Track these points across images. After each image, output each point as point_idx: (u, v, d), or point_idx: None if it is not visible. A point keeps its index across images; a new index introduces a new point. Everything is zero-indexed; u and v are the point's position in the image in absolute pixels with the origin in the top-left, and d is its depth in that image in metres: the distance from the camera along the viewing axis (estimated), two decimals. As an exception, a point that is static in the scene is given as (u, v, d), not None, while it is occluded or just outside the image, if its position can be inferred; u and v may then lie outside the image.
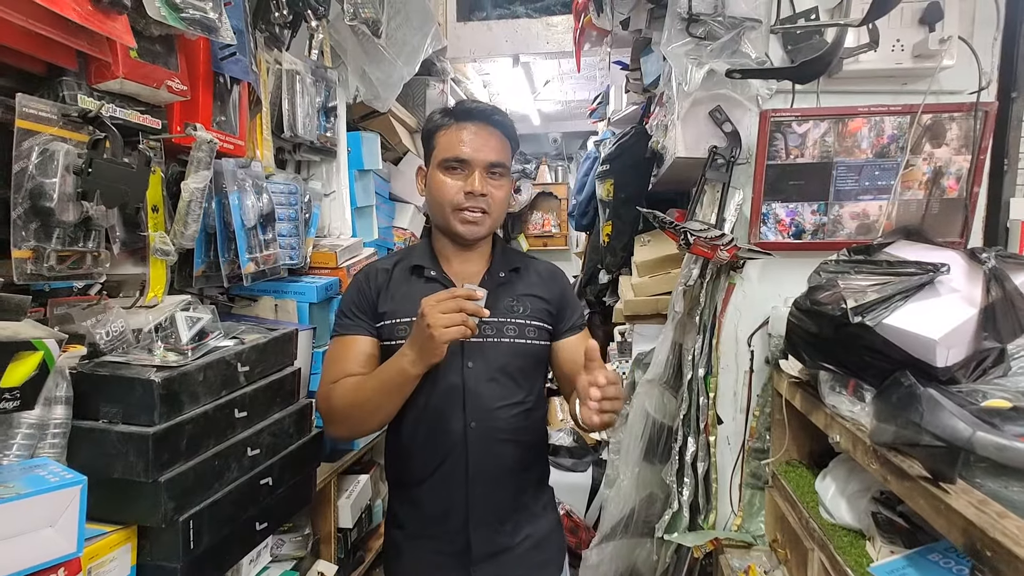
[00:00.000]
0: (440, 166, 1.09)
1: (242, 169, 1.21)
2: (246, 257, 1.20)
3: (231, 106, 1.23)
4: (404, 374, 0.98)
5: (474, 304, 0.93)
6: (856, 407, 1.08)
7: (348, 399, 1.03)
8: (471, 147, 1.07)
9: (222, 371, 1.03)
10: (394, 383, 1.00)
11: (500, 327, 1.10)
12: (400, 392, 1.02)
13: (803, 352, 1.20)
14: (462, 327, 0.92)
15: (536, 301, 1.15)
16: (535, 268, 1.20)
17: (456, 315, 0.92)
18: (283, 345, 1.23)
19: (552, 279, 1.20)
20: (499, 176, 1.11)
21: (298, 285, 1.46)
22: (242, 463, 1.07)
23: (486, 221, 1.10)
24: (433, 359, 0.96)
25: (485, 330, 1.08)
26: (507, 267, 1.16)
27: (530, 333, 1.12)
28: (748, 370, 1.64)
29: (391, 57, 1.80)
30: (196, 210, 1.05)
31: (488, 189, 1.08)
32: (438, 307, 0.92)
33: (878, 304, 1.00)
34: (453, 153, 1.08)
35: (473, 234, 1.10)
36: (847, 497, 1.22)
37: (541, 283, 1.18)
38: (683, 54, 1.48)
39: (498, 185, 1.10)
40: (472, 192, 1.07)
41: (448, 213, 1.09)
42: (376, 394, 1.01)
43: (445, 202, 1.09)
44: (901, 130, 1.44)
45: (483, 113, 1.11)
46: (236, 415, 1.06)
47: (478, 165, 1.07)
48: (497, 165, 1.09)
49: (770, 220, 1.53)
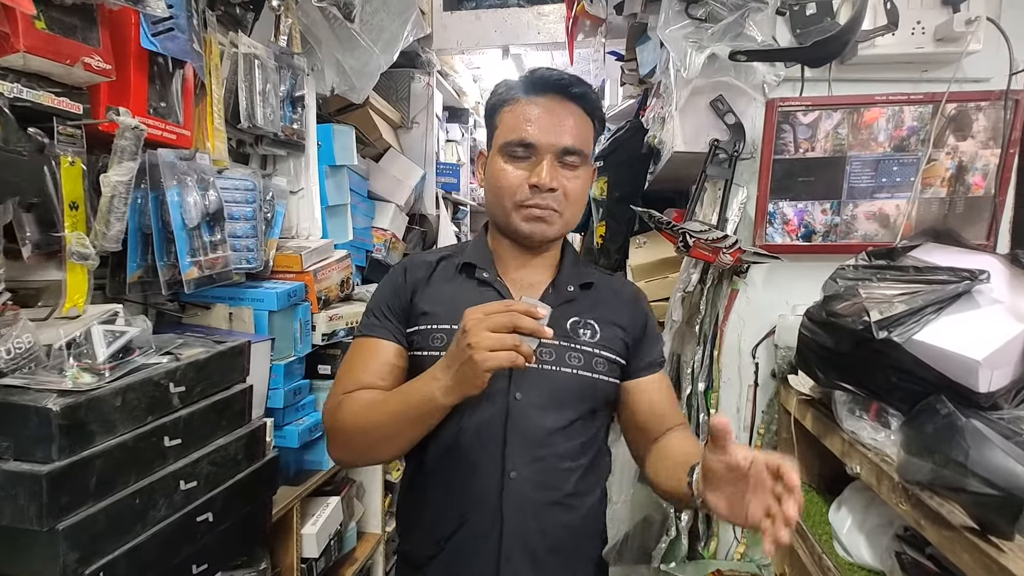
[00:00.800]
0: (502, 151, 0.89)
1: (184, 161, 1.08)
2: (187, 260, 1.07)
3: (174, 92, 1.09)
4: (432, 402, 0.76)
5: (533, 323, 0.70)
6: (880, 435, 0.94)
7: (358, 419, 0.82)
8: (540, 128, 0.86)
9: (148, 393, 0.89)
10: (417, 412, 0.78)
11: (562, 353, 0.87)
12: (422, 424, 0.80)
13: (817, 369, 1.06)
14: (512, 353, 0.69)
15: (610, 328, 0.91)
16: (612, 287, 0.98)
17: (507, 336, 0.70)
18: (231, 360, 1.09)
19: (634, 303, 0.97)
20: (575, 165, 0.88)
21: (256, 291, 1.32)
22: (173, 499, 0.93)
23: (556, 220, 0.89)
24: (470, 390, 0.73)
25: (542, 354, 0.86)
26: (577, 281, 0.94)
27: (599, 366, 0.89)
28: (752, 384, 1.51)
29: (366, 44, 1.67)
30: (120, 207, 0.91)
31: (560, 181, 0.87)
32: (486, 322, 0.70)
33: (907, 317, 0.86)
34: (517, 135, 0.87)
35: (541, 234, 0.89)
36: (866, 533, 1.09)
37: (619, 306, 0.95)
38: (682, 37, 1.34)
39: (573, 176, 0.88)
40: (539, 185, 0.85)
41: (509, 209, 0.89)
42: (393, 420, 0.80)
43: (505, 196, 0.88)
44: (922, 121, 1.30)
45: (559, 84, 0.88)
46: (166, 444, 0.92)
47: (548, 151, 0.86)
48: (572, 152, 0.87)
49: (777, 220, 1.39)
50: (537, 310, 0.71)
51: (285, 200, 1.49)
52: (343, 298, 1.63)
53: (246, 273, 1.34)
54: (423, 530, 0.88)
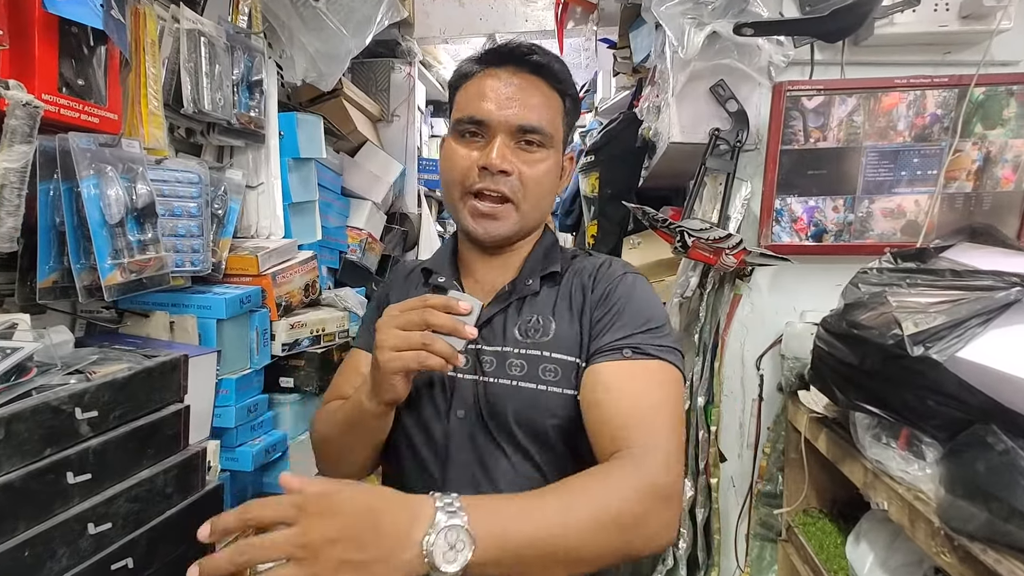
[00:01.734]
0: (454, 131, 0.79)
1: (106, 148, 0.93)
2: (108, 263, 0.92)
3: (95, 67, 0.95)
4: (359, 407, 0.71)
5: (449, 320, 0.62)
6: (912, 466, 0.81)
7: (324, 428, 0.81)
8: (494, 102, 0.74)
9: (44, 421, 0.75)
10: (353, 417, 0.73)
11: (503, 361, 0.73)
12: (361, 430, 0.73)
13: (835, 387, 0.92)
14: (421, 353, 0.62)
15: (571, 322, 0.75)
16: (581, 268, 0.80)
17: (415, 335, 0.62)
18: (162, 377, 0.94)
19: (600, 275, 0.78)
20: (536, 146, 0.76)
21: (203, 297, 1.18)
22: (78, 546, 0.78)
23: (509, 215, 0.76)
24: (386, 395, 0.66)
25: (484, 364, 0.74)
26: (541, 272, 0.79)
27: (547, 373, 0.72)
28: (757, 398, 1.37)
29: (335, 26, 1.52)
30: (13, 199, 0.77)
31: (516, 164, 0.75)
32: (397, 319, 0.64)
33: (947, 331, 0.73)
34: (468, 112, 0.76)
35: (488, 233, 0.77)
36: (891, 572, 0.95)
37: (586, 288, 0.77)
38: (679, 14, 1.21)
39: (533, 160, 0.76)
40: (488, 166, 0.74)
41: (457, 200, 0.78)
42: (341, 428, 0.76)
43: (452, 183, 0.78)
44: (947, 108, 1.17)
45: (516, 53, 0.77)
46: (70, 480, 0.77)
47: (501, 128, 0.74)
48: (532, 131, 0.75)
49: (784, 218, 1.26)
50: (459, 305, 0.63)
51: (241, 195, 1.34)
52: (308, 304, 1.48)
53: (192, 277, 1.20)
54: None
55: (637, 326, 0.71)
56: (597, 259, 0.83)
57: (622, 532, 0.56)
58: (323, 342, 1.47)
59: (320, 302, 1.56)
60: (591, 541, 0.54)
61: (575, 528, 0.54)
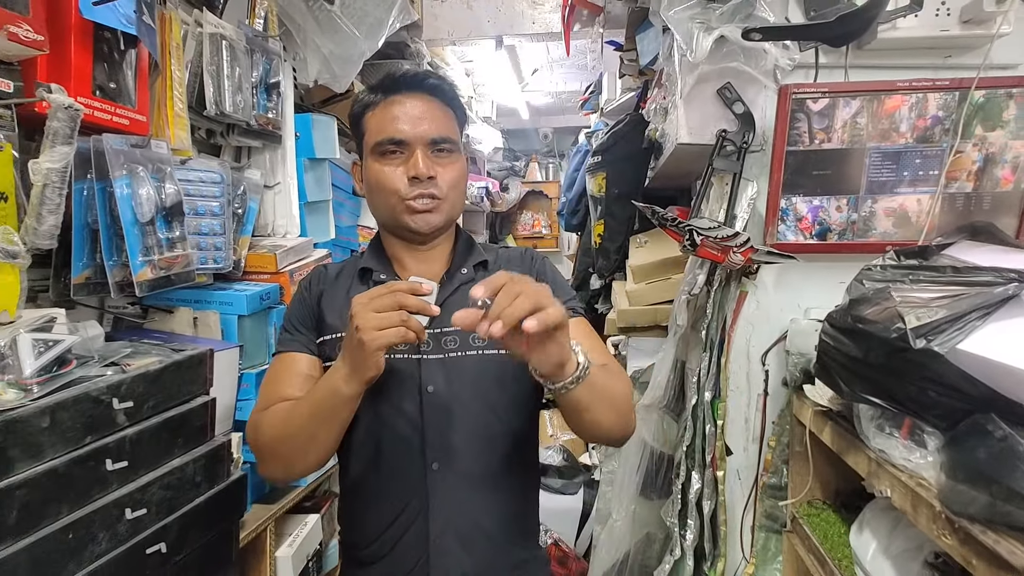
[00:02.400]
0: (374, 153, 0.90)
1: (136, 149, 0.96)
2: (139, 260, 0.95)
3: (126, 71, 0.98)
4: (337, 394, 0.77)
5: (417, 300, 0.73)
6: (915, 455, 0.84)
7: (277, 430, 0.83)
8: (406, 123, 0.89)
9: (86, 411, 0.78)
10: (326, 406, 0.79)
11: (465, 337, 0.88)
12: (335, 418, 0.81)
13: (841, 380, 0.96)
14: (401, 329, 0.72)
15: None
16: (506, 257, 1.00)
17: (392, 314, 0.72)
18: (189, 370, 0.98)
19: (525, 261, 0.99)
20: (447, 152, 0.91)
21: (224, 294, 1.21)
22: (116, 531, 0.81)
23: (442, 208, 0.91)
24: (368, 372, 0.75)
25: (447, 343, 0.88)
26: (472, 262, 0.95)
27: None
28: (762, 393, 1.40)
29: (348, 29, 1.56)
30: (54, 198, 0.80)
31: (436, 170, 0.89)
32: (371, 304, 0.73)
33: (948, 324, 0.76)
34: (386, 134, 0.89)
35: (429, 225, 0.91)
36: (893, 558, 0.98)
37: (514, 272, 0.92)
38: (688, 18, 1.24)
39: (447, 163, 0.91)
40: (418, 175, 0.87)
41: (394, 206, 0.90)
42: (308, 421, 0.81)
43: (388, 193, 0.90)
44: (948, 110, 1.21)
45: (415, 81, 0.92)
46: (108, 467, 0.81)
47: (418, 143, 0.89)
48: (442, 141, 0.90)
49: (790, 217, 1.29)
50: (421, 287, 0.74)
51: (259, 195, 1.38)
52: (323, 301, 1.51)
53: (214, 274, 1.23)
54: (361, 527, 0.90)
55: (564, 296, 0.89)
56: (517, 249, 1.04)
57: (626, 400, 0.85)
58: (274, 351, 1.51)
59: (334, 299, 1.59)
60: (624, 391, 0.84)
61: (621, 381, 0.85)
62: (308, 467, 0.85)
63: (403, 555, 0.86)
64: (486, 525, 0.87)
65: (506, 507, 0.90)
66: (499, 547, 0.88)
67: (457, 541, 0.85)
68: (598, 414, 0.79)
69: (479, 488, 0.87)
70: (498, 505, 0.89)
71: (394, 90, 0.91)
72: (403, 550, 0.86)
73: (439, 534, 0.85)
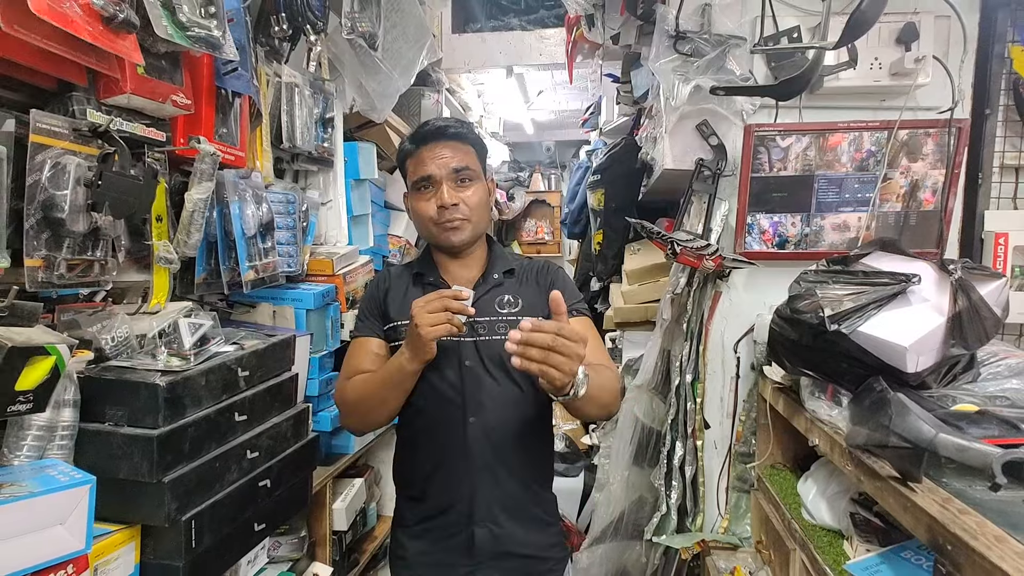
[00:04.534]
0: (413, 189, 1.18)
1: (243, 180, 1.25)
2: (246, 265, 1.24)
3: (232, 118, 1.27)
4: (402, 370, 1.05)
5: (459, 303, 0.99)
6: (834, 411, 1.13)
7: (357, 393, 1.11)
8: (433, 164, 1.13)
9: (223, 376, 1.07)
10: (394, 379, 1.07)
11: (492, 326, 1.15)
12: (401, 387, 1.09)
13: (784, 358, 1.24)
14: (447, 325, 0.98)
15: (530, 297, 1.18)
16: (529, 267, 1.26)
17: (441, 314, 0.98)
18: (281, 351, 1.26)
19: (544, 271, 1.25)
20: (468, 181, 1.16)
21: (295, 292, 1.50)
22: (242, 465, 1.10)
23: (466, 226, 1.16)
24: (425, 355, 1.03)
25: (479, 329, 1.14)
26: (501, 269, 1.21)
27: None
28: (734, 376, 1.69)
29: (387, 69, 1.85)
30: (199, 220, 1.09)
31: (458, 196, 1.14)
32: (425, 307, 0.99)
33: (853, 312, 1.05)
34: (419, 174, 1.14)
35: (459, 239, 1.16)
36: (827, 499, 1.27)
37: (534, 278, 1.23)
38: (670, 70, 1.54)
39: (468, 189, 1.16)
40: (444, 204, 1.12)
41: (431, 228, 1.17)
42: (380, 389, 1.09)
43: (425, 220, 1.16)
44: (879, 145, 1.50)
45: (437, 132, 1.16)
46: (236, 418, 1.09)
47: (443, 178, 1.13)
48: (461, 170, 1.14)
49: (755, 230, 1.58)
50: (461, 293, 1.01)
51: (317, 211, 1.66)
52: (367, 299, 1.80)
53: (286, 276, 1.52)
54: (415, 468, 1.17)
55: (572, 299, 1.18)
56: (538, 261, 1.29)
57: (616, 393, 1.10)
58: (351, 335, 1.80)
59: (374, 298, 1.88)
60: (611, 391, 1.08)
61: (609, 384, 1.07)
62: (379, 421, 1.15)
63: (450, 484, 1.13)
64: (512, 464, 1.14)
65: (526, 453, 1.16)
66: (521, 481, 1.15)
67: (490, 476, 1.12)
68: (586, 411, 1.05)
69: (505, 436, 1.13)
70: (520, 450, 1.15)
71: (424, 141, 1.16)
72: (448, 484, 1.13)
73: (476, 469, 1.12)
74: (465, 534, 1.12)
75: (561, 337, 0.87)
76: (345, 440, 1.72)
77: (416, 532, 1.16)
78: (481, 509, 1.12)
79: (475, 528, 1.12)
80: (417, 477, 1.17)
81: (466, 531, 1.12)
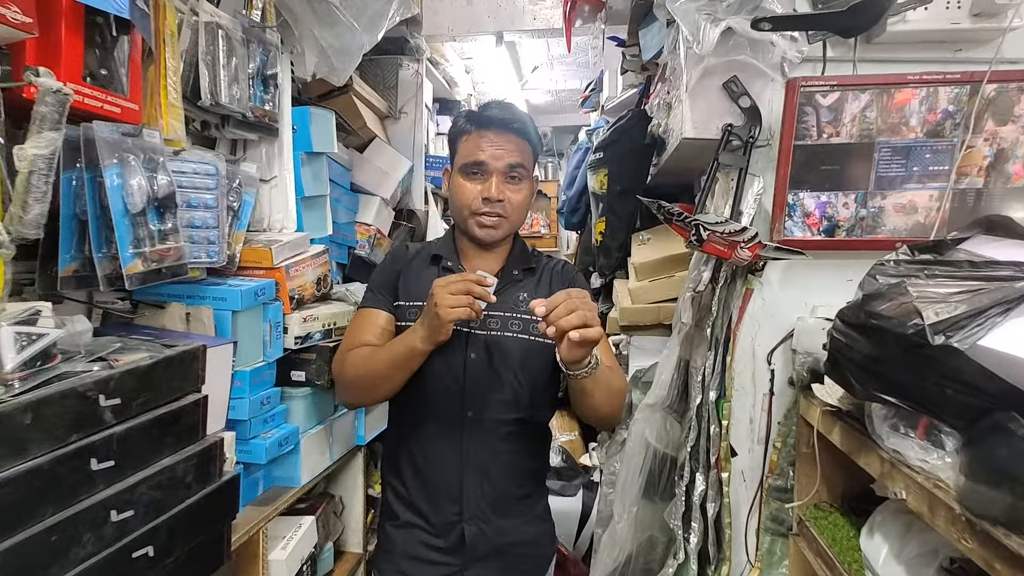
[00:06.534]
0: (461, 170, 1.14)
1: (128, 138, 0.93)
2: (129, 252, 0.92)
3: (118, 59, 0.95)
4: (413, 349, 1.02)
5: (482, 289, 0.96)
6: (932, 455, 0.81)
7: (360, 367, 1.08)
8: (489, 153, 1.10)
9: (71, 407, 0.75)
10: (402, 357, 1.04)
11: (505, 322, 1.12)
12: (407, 366, 1.05)
13: (853, 378, 0.93)
14: (467, 308, 0.95)
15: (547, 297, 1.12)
16: (550, 267, 1.24)
17: (463, 297, 0.95)
18: (181, 366, 0.95)
19: (564, 274, 1.23)
20: (518, 180, 1.14)
21: (218, 289, 1.18)
22: (102, 533, 0.78)
23: (503, 225, 1.14)
24: (439, 337, 0.99)
25: (490, 324, 1.11)
26: (522, 266, 1.19)
27: (535, 330, 1.10)
28: (767, 393, 1.38)
29: (348, 21, 1.53)
30: (41, 186, 0.77)
31: (506, 193, 1.12)
32: (447, 288, 0.96)
33: (968, 319, 0.74)
34: (472, 158, 1.11)
35: (490, 237, 1.14)
36: (907, 563, 0.96)
37: (552, 280, 1.20)
38: (694, 10, 1.21)
39: (517, 188, 1.14)
40: (489, 198, 1.10)
41: (467, 216, 1.14)
42: (385, 366, 1.05)
43: (464, 206, 1.13)
44: (959, 104, 1.18)
45: (503, 122, 1.12)
46: (94, 467, 0.78)
47: (496, 170, 1.11)
48: (516, 167, 1.12)
49: (797, 213, 1.27)
50: (486, 280, 0.98)
51: (255, 189, 1.34)
52: (319, 297, 1.48)
53: (207, 268, 1.20)
54: (405, 459, 1.15)
55: None
56: (558, 261, 1.28)
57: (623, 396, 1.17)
58: (334, 336, 1.48)
59: (331, 296, 1.56)
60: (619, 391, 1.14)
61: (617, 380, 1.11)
62: (377, 399, 1.16)
63: (443, 475, 1.10)
64: (505, 461, 1.13)
65: (520, 452, 1.15)
66: (512, 479, 1.14)
67: (481, 471, 1.11)
68: (598, 401, 1.05)
69: (502, 434, 1.12)
70: (515, 449, 1.14)
71: (486, 126, 1.12)
72: (443, 471, 1.10)
73: (470, 463, 1.10)
74: (455, 532, 1.11)
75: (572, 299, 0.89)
76: (291, 470, 1.40)
77: (403, 525, 1.14)
78: (472, 506, 1.11)
79: (465, 526, 1.10)
80: (406, 468, 1.15)
81: (456, 529, 1.11)
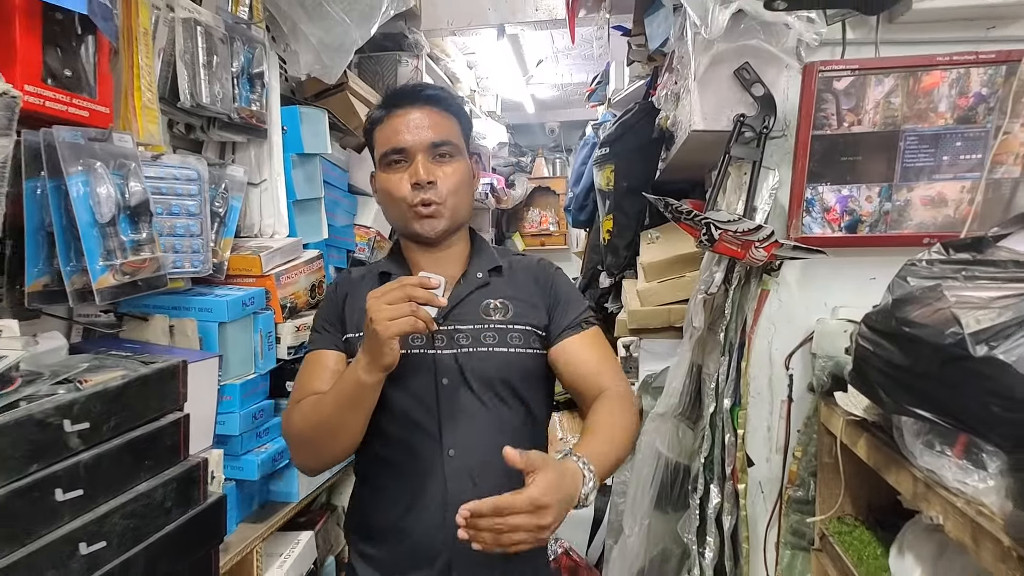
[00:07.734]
0: (382, 164, 0.98)
1: (95, 143, 0.88)
2: (99, 265, 0.86)
3: (84, 59, 0.89)
4: (358, 383, 0.83)
5: (426, 292, 0.80)
6: (972, 477, 0.73)
7: (307, 421, 0.90)
8: (407, 132, 0.95)
9: (30, 435, 0.69)
10: (350, 395, 0.85)
11: (477, 335, 0.95)
12: (358, 406, 0.87)
13: (882, 390, 0.85)
14: (411, 319, 0.78)
15: (520, 303, 0.99)
16: (521, 264, 1.06)
17: (403, 305, 0.78)
18: (159, 384, 0.89)
19: (540, 272, 1.05)
20: (448, 157, 0.97)
21: (203, 299, 1.12)
22: (69, 568, 0.73)
23: (443, 212, 0.96)
24: (384, 360, 0.81)
25: (459, 340, 0.94)
26: (487, 267, 1.01)
27: (514, 340, 0.96)
28: (786, 399, 1.30)
29: (338, 16, 1.47)
30: (-8, 197, 0.71)
31: (436, 174, 0.95)
32: (383, 298, 0.80)
33: (1015, 328, 0.65)
34: (390, 144, 0.96)
35: (433, 229, 0.97)
36: (941, 588, 0.88)
37: (527, 280, 1.03)
38: (703, -8, 1.13)
39: (449, 167, 0.97)
40: (419, 182, 0.93)
41: (404, 211, 0.97)
42: (334, 410, 0.87)
43: (397, 202, 0.96)
44: (993, 87, 1.09)
45: (413, 93, 0.98)
46: (59, 498, 0.72)
47: (418, 149, 0.95)
48: (441, 144, 0.96)
49: (816, 208, 1.18)
50: (430, 281, 0.81)
51: (242, 193, 1.29)
52: (314, 305, 1.42)
53: (193, 279, 1.15)
54: (372, 519, 0.96)
55: (579, 309, 1.01)
56: (532, 258, 1.09)
57: (633, 437, 0.93)
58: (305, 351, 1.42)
59: (327, 303, 1.50)
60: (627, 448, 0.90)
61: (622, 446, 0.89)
62: (336, 455, 0.92)
63: (421, 536, 0.90)
64: None
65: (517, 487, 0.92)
66: None
67: None
68: None
69: (493, 475, 0.89)
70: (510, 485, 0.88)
71: (395, 104, 0.97)
72: (420, 531, 0.90)
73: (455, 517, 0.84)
74: None
75: (509, 515, 0.68)
76: (287, 485, 1.35)
77: None
78: (461, 567, 0.90)
79: None
80: (377, 528, 0.95)
81: None
